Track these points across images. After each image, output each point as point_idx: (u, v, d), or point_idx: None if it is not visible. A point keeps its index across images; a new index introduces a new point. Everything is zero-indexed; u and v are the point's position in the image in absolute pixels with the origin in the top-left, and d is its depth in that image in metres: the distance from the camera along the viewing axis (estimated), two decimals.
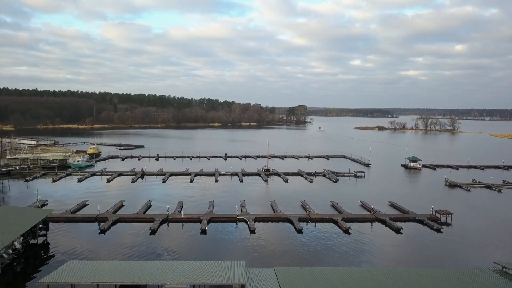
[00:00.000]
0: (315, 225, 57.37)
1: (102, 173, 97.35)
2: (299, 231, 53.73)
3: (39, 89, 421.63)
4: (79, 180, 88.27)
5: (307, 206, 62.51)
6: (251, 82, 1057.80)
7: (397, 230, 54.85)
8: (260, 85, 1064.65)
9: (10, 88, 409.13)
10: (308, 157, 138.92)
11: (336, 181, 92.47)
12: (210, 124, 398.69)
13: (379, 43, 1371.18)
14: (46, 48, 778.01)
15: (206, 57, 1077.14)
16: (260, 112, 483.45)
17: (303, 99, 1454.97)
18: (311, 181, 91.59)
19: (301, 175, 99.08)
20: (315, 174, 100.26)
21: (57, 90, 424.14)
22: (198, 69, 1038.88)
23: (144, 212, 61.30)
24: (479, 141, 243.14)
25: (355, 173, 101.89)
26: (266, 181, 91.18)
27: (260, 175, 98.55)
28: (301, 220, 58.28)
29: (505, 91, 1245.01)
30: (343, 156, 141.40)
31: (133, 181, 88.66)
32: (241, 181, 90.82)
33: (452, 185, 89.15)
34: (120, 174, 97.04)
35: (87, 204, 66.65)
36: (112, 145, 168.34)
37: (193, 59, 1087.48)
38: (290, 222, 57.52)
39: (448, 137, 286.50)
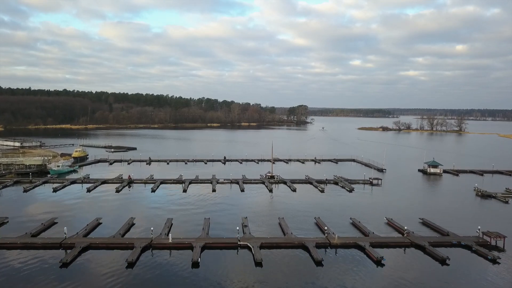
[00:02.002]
0: (336, 252, 45.64)
1: (84, 180, 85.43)
2: (319, 263, 41.89)
3: (33, 88, 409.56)
4: (55, 190, 76.28)
5: (325, 228, 50.52)
6: (250, 82, 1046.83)
7: (442, 261, 43.04)
8: (259, 86, 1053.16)
9: (3, 87, 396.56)
10: (315, 160, 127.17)
11: (351, 191, 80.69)
12: (208, 124, 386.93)
13: (379, 43, 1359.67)
14: (44, 48, 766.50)
15: (205, 57, 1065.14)
16: (260, 112, 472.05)
17: (303, 100, 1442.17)
18: (322, 191, 79.78)
19: (310, 183, 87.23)
20: (326, 182, 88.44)
21: (52, 90, 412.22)
22: (197, 69, 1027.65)
23: (123, 235, 49.40)
24: (492, 143, 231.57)
25: (370, 180, 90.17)
26: (270, 190, 79.35)
27: (263, 183, 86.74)
28: (319, 245, 46.50)
29: (506, 91, 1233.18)
30: (353, 160, 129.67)
31: (117, 191, 76.75)
32: (242, 190, 78.97)
33: (484, 196, 77.44)
34: (104, 181, 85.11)
35: (56, 223, 54.72)
36: (102, 147, 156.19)
37: (192, 59, 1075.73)
38: (306, 249, 45.69)
39: (457, 138, 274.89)
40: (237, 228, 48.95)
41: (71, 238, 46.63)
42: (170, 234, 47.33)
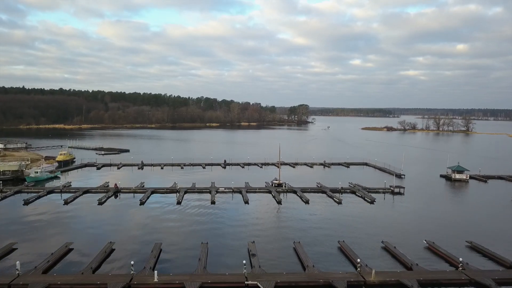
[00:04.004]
0: None
1: (63, 189, 74.08)
2: None
3: (29, 87, 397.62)
4: (26, 202, 64.87)
5: (358, 260, 39.08)
6: (250, 82, 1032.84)
7: None
8: (259, 85, 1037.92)
9: None
10: (324, 164, 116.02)
11: (372, 202, 69.59)
12: (207, 124, 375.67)
13: (380, 43, 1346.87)
14: (42, 47, 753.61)
15: (204, 56, 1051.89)
16: (260, 112, 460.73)
17: (302, 99, 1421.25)
18: (339, 202, 68.62)
19: (324, 192, 76.12)
20: (342, 191, 77.38)
21: (47, 89, 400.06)
22: (196, 68, 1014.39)
23: (96, 269, 38.13)
24: (504, 144, 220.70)
25: (392, 188, 79.13)
26: (279, 202, 68.12)
27: (270, 192, 75.71)
28: (351, 285, 35.44)
29: (506, 91, 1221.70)
30: (365, 164, 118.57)
31: (100, 203, 65.49)
32: (246, 202, 67.75)
33: None
34: (87, 191, 73.80)
35: (15, 249, 43.54)
36: (92, 149, 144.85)
37: (191, 58, 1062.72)
38: None
39: (466, 138, 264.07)
40: (244, 261, 37.59)
41: (25, 276, 35.39)
42: (156, 271, 36.03)
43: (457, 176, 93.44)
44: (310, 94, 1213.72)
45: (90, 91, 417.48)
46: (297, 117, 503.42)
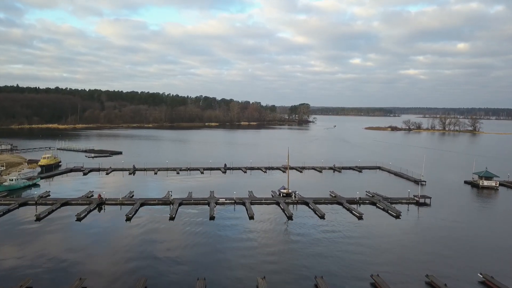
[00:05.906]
0: None
1: (39, 201, 63.99)
2: None
3: (23, 86, 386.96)
4: None
5: None
6: (249, 81, 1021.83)
7: None
8: (258, 85, 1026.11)
9: None
10: (334, 168, 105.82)
11: (397, 216, 59.67)
12: (206, 124, 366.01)
13: (380, 42, 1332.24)
14: (40, 46, 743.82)
15: (203, 55, 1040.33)
16: (260, 111, 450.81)
17: (302, 99, 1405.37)
18: (360, 217, 58.59)
19: (340, 204, 66.15)
20: (360, 202, 67.46)
21: (42, 87, 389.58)
22: (196, 67, 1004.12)
23: None
24: None
25: (416, 198, 69.24)
26: (290, 217, 58.08)
27: (277, 203, 65.81)
28: None
29: (506, 91, 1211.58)
30: (378, 167, 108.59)
31: (78, 219, 55.48)
32: (251, 217, 57.67)
33: None
34: (65, 203, 63.72)
35: None
36: (81, 151, 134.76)
37: (191, 57, 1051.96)
38: None
39: (475, 138, 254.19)
40: None
41: None
42: None
43: (485, 183, 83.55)
44: (310, 94, 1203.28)
45: (87, 90, 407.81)
46: (298, 116, 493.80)
